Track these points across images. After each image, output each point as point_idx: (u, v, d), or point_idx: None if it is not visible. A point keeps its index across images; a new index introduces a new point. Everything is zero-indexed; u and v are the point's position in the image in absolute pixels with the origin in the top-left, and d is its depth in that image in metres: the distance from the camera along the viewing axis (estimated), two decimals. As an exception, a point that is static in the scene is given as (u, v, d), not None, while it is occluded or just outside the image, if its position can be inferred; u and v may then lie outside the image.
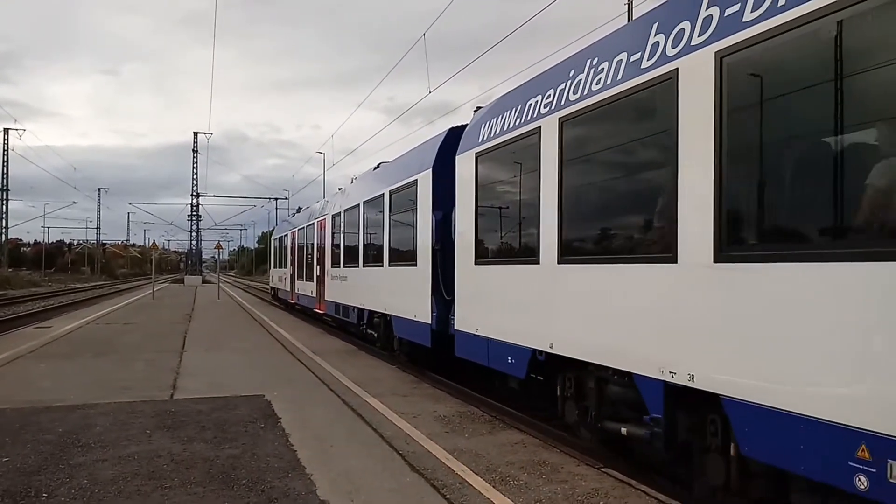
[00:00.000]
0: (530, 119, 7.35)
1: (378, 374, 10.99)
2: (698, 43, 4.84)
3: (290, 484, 5.28)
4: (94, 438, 6.56)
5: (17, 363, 11.41)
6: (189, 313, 23.49)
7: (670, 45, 5.17)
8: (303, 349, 13.86)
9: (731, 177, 4.55)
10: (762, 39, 4.25)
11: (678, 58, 5.05)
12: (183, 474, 5.51)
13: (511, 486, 5.40)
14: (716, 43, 4.65)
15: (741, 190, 4.58)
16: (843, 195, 3.84)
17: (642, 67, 5.49)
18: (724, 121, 4.57)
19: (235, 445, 6.38)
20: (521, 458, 6.19)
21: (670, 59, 5.14)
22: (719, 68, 4.58)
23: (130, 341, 14.71)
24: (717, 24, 4.68)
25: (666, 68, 5.18)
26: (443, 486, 5.33)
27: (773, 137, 4.38)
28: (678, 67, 5.03)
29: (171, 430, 6.94)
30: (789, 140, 4.37)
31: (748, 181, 4.54)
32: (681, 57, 5.02)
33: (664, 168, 5.20)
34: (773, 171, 4.38)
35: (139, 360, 11.89)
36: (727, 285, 4.54)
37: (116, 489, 5.14)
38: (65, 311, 26.96)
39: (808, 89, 4.10)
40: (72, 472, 5.53)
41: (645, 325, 5.39)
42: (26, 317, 24.59)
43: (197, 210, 65.42)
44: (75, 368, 10.94)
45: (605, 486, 5.39)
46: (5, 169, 59.02)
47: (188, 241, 71.21)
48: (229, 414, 7.72)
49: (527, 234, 7.50)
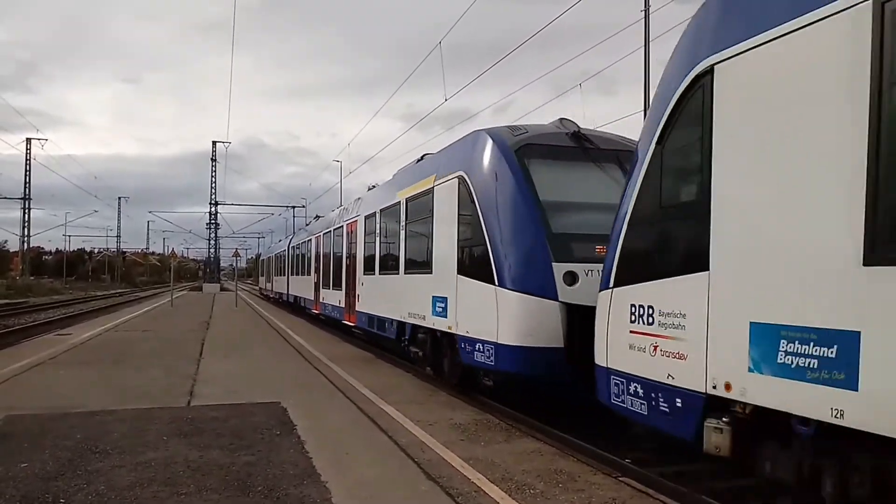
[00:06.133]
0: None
1: (394, 381, 10.98)
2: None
3: (305, 491, 5.27)
4: (112, 445, 6.60)
5: (38, 370, 11.54)
6: (207, 321, 23.65)
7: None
8: (319, 356, 13.89)
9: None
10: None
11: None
12: (199, 481, 5.52)
13: (527, 494, 5.35)
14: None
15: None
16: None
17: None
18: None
19: (251, 452, 6.39)
20: (538, 466, 6.13)
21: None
22: None
23: (148, 348, 14.82)
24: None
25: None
26: (458, 494, 5.29)
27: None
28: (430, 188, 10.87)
29: (188, 437, 6.96)
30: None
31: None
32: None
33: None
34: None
35: (157, 367, 11.98)
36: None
37: (133, 495, 5.16)
38: (85, 318, 27.26)
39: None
40: (89, 478, 5.56)
41: (423, 302, 11.04)
42: (47, 324, 24.88)
43: (215, 218, 66.11)
44: (94, 375, 11.03)
45: (622, 496, 5.32)
46: (28, 178, 60.01)
47: (206, 250, 71.84)
48: (245, 421, 7.73)
49: (393, 258, 13.61)
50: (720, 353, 4.85)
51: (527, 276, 8.34)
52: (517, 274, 8.42)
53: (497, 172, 8.97)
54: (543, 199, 8.62)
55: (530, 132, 9.38)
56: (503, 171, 8.87)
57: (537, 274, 8.24)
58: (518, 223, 8.62)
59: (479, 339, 8.94)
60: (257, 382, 10.57)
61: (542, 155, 9.09)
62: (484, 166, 9.25)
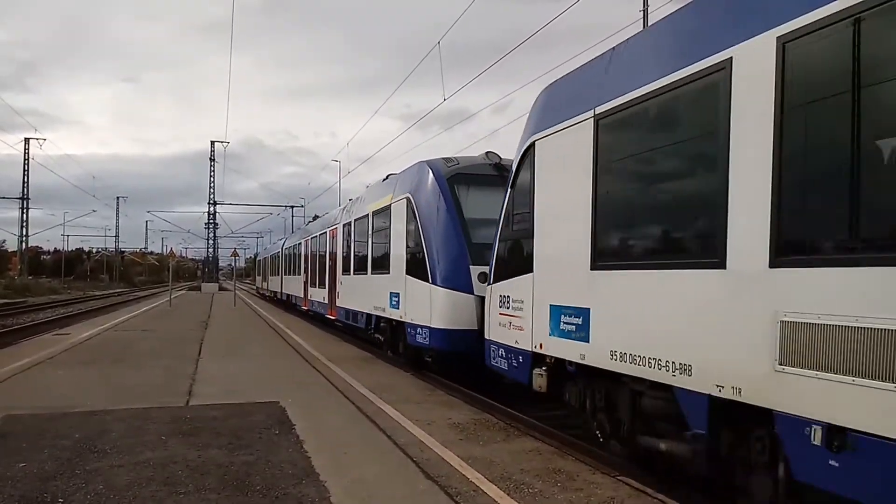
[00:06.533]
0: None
1: (392, 381, 10.99)
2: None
3: (304, 491, 5.28)
4: (110, 444, 6.60)
5: (36, 369, 11.53)
6: (205, 320, 23.64)
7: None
8: (317, 356, 13.89)
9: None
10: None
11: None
12: (197, 480, 5.52)
13: (526, 493, 5.35)
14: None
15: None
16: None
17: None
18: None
19: (250, 452, 6.39)
20: (536, 465, 6.14)
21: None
22: None
23: (147, 348, 14.82)
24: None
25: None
26: (457, 493, 5.30)
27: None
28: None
29: (187, 437, 6.96)
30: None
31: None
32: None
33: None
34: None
35: (155, 366, 11.98)
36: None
37: (131, 495, 5.16)
38: (83, 318, 27.24)
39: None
40: (88, 477, 5.56)
41: (384, 297, 13.62)
42: (45, 324, 24.88)
43: (213, 218, 65.96)
44: (93, 375, 11.03)
45: (620, 495, 5.33)
46: (26, 178, 59.91)
47: (205, 249, 71.78)
48: (244, 420, 7.74)
49: (363, 261, 16.22)
50: (538, 325, 7.46)
51: (452, 276, 10.98)
52: (445, 274, 11.07)
53: (433, 195, 11.72)
54: (467, 217, 11.33)
55: (461, 163, 12.10)
56: (437, 194, 11.63)
57: (460, 274, 10.90)
58: (447, 235, 11.28)
59: (419, 325, 11.64)
60: (256, 382, 10.57)
61: (468, 182, 11.77)
62: (424, 190, 12.01)
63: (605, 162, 6.28)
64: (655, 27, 6.40)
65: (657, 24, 6.30)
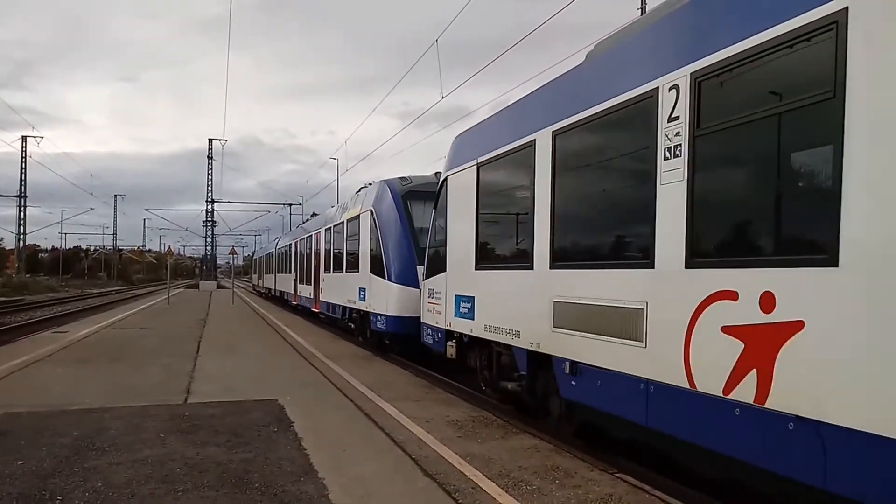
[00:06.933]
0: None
1: (391, 378, 11.00)
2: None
3: (302, 488, 5.28)
4: (109, 442, 6.60)
5: (35, 367, 11.52)
6: (204, 318, 23.64)
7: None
8: (315, 353, 13.90)
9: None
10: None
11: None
12: (196, 478, 5.53)
13: (524, 490, 5.37)
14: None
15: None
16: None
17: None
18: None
19: (248, 449, 6.40)
20: (534, 463, 6.15)
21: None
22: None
23: (146, 346, 14.82)
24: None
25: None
26: (455, 490, 5.31)
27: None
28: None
29: (185, 434, 6.97)
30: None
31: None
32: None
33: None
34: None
35: (154, 364, 11.97)
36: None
37: (130, 492, 5.17)
38: (81, 316, 27.22)
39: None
40: (86, 475, 5.56)
41: (355, 291, 16.52)
42: (44, 322, 24.86)
43: (211, 216, 65.90)
44: (91, 373, 11.03)
45: (618, 491, 5.34)
46: (23, 176, 59.79)
47: (203, 247, 71.69)
48: (242, 418, 7.74)
49: (340, 261, 19.08)
50: (448, 309, 10.29)
51: (404, 274, 13.78)
52: (398, 273, 13.93)
53: (390, 209, 14.60)
54: (417, 226, 13.93)
55: (414, 182, 14.96)
56: (393, 208, 14.53)
57: (409, 272, 13.61)
58: (400, 242, 14.17)
59: (380, 313, 14.51)
60: (254, 380, 10.58)
61: (419, 198, 14.33)
62: (384, 205, 14.93)
63: (482, 196, 9.24)
64: (509, 108, 8.77)
65: (510, 105, 8.76)
